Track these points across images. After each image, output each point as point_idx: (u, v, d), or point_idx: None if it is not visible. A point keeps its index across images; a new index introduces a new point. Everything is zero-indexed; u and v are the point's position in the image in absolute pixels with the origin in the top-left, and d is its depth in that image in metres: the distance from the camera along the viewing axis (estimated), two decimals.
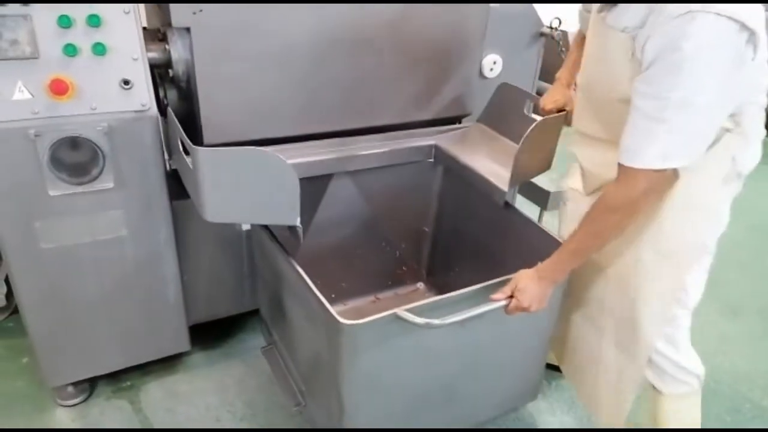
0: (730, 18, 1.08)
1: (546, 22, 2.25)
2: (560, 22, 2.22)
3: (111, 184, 1.59)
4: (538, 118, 1.80)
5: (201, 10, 1.56)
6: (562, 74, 1.79)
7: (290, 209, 1.41)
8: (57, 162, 1.50)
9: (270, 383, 1.98)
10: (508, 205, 1.77)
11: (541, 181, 2.89)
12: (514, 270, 1.44)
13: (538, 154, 1.76)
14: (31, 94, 1.43)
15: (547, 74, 2.36)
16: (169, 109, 1.59)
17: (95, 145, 1.52)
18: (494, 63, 2.19)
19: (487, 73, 2.20)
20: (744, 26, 1.09)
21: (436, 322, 1.29)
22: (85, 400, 1.91)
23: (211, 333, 2.17)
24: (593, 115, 1.49)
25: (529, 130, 1.61)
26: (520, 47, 2.24)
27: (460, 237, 2.07)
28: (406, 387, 1.46)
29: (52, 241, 1.59)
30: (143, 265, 1.75)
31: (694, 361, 1.57)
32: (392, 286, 2.26)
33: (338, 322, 1.24)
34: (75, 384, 1.89)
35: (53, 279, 1.65)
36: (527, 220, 1.73)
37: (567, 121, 1.74)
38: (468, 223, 2.00)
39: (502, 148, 1.96)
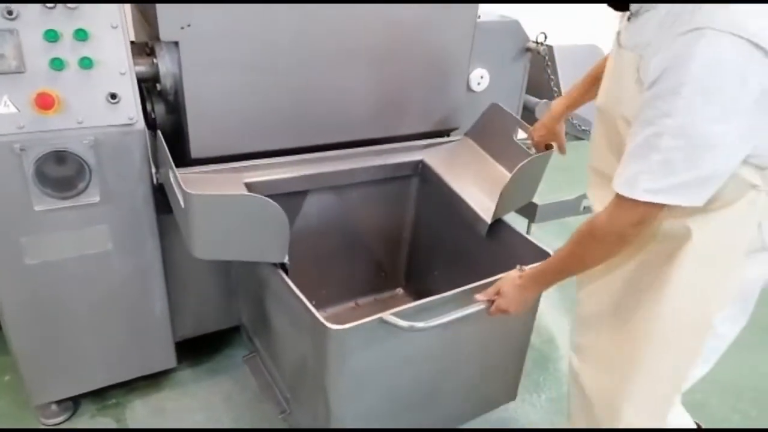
0: (748, 41, 0.93)
1: (532, 36, 2.28)
2: (546, 37, 2.25)
3: (97, 198, 1.57)
4: (524, 145, 1.83)
5: (189, 25, 1.56)
6: (556, 105, 1.72)
7: (279, 249, 1.41)
8: (42, 176, 1.48)
9: (257, 399, 1.95)
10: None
11: None
12: (493, 275, 1.44)
13: (523, 188, 1.79)
14: (17, 108, 1.42)
15: (534, 88, 2.40)
16: (158, 131, 1.59)
17: (81, 159, 1.51)
18: (481, 77, 2.21)
19: (474, 87, 2.22)
20: (766, 51, 0.94)
21: (420, 325, 1.30)
22: (68, 419, 1.87)
23: (198, 348, 2.15)
24: (607, 144, 1.32)
25: (516, 169, 1.64)
26: (506, 62, 2.26)
27: (438, 242, 2.08)
28: (391, 389, 1.46)
29: (38, 256, 1.57)
30: (129, 280, 1.73)
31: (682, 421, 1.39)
32: (372, 291, 2.27)
33: (326, 327, 1.24)
34: (59, 402, 1.85)
35: (38, 295, 1.63)
36: (512, 231, 1.74)
37: (561, 150, 1.74)
38: (447, 231, 2.00)
39: (488, 170, 1.97)
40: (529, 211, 2.85)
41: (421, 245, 2.21)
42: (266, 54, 1.71)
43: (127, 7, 1.82)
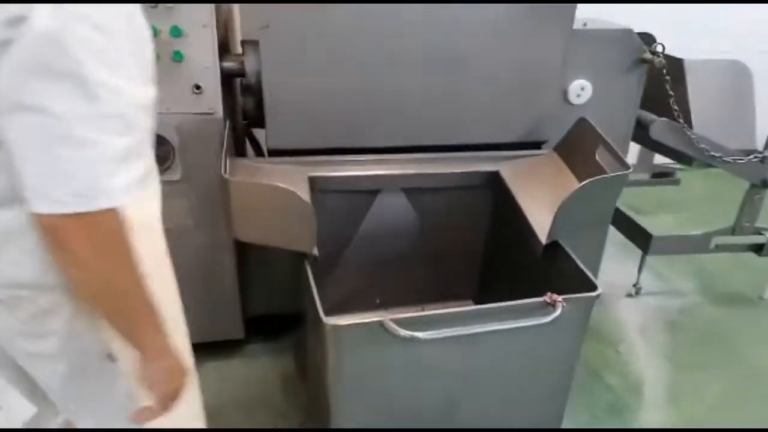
0: None
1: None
2: (664, 48, 2.01)
3: (178, 176, 1.78)
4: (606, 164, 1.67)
5: (268, 26, 1.69)
6: None
7: (308, 240, 1.47)
8: None
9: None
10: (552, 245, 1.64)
11: (649, 222, 2.64)
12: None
13: (590, 210, 1.63)
14: None
15: (650, 103, 2.16)
16: (227, 122, 1.74)
17: (167, 140, 1.72)
18: (582, 89, 2.04)
19: (573, 99, 2.06)
20: None
21: (420, 336, 1.26)
22: None
23: (272, 326, 2.30)
24: None
25: (576, 188, 1.51)
26: (616, 74, 2.06)
27: (507, 258, 1.97)
28: (398, 399, 1.43)
29: None
30: (204, 254, 1.93)
31: None
32: (441, 299, 2.20)
33: (322, 321, 1.26)
34: None
35: None
36: (567, 256, 1.59)
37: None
38: (513, 247, 1.89)
39: (565, 188, 1.81)
40: (643, 243, 2.58)
41: (494, 259, 2.11)
42: (343, 54, 1.78)
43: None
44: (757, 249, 2.58)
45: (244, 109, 1.94)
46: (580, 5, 1.87)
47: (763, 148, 2.35)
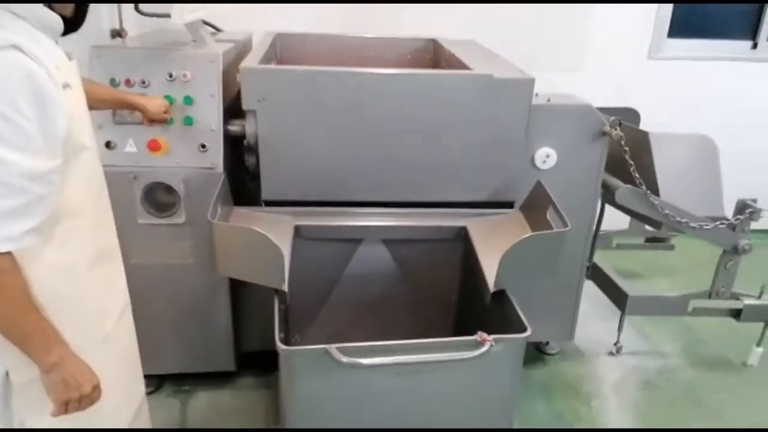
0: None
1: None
2: (620, 123, 2.22)
3: (183, 220, 2.07)
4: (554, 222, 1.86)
5: (264, 99, 1.99)
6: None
7: (278, 277, 1.68)
8: (146, 198, 2.03)
9: None
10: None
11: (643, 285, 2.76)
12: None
13: (534, 263, 1.80)
14: (137, 149, 1.99)
15: (620, 169, 2.35)
16: (224, 174, 2.04)
17: (174, 189, 2.02)
18: (547, 156, 2.26)
19: (539, 164, 2.28)
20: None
21: (362, 362, 1.45)
22: (152, 392, 2.36)
23: (264, 362, 2.50)
24: None
25: (516, 241, 1.69)
26: (578, 143, 2.27)
27: (473, 306, 2.13)
28: (346, 423, 1.59)
29: (138, 258, 2.11)
30: (202, 291, 2.19)
31: None
32: None
33: (278, 346, 1.47)
34: (147, 377, 2.36)
35: (137, 289, 2.13)
36: (510, 304, 1.77)
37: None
38: (477, 297, 2.06)
39: None
40: (621, 302, 2.71)
41: (465, 305, 2.29)
42: (329, 122, 2.06)
43: None
44: (735, 314, 2.66)
45: (246, 165, 2.24)
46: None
47: (732, 215, 2.49)
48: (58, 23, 1.20)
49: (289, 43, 2.75)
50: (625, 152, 2.26)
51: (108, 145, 1.98)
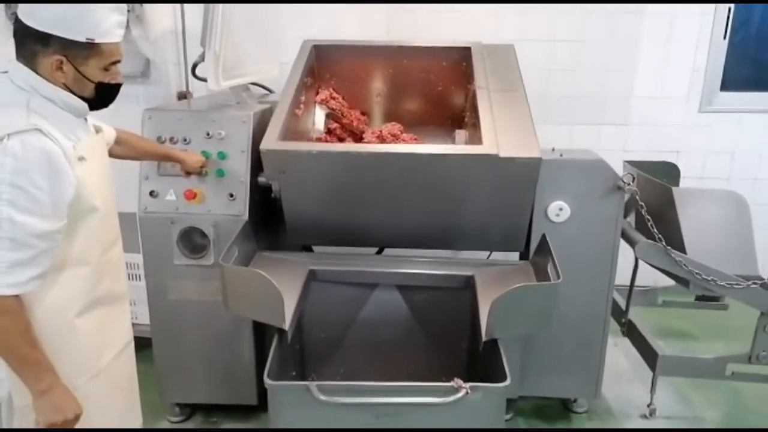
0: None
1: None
2: (634, 179, 2.23)
3: (211, 261, 2.29)
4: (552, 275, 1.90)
5: (284, 171, 2.19)
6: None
7: (279, 316, 1.80)
8: (181, 241, 2.27)
9: None
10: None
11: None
12: None
13: (526, 314, 1.84)
14: (175, 197, 2.26)
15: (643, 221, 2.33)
16: (246, 222, 2.23)
17: (206, 234, 2.26)
18: (560, 209, 2.30)
19: (552, 217, 2.31)
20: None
21: (340, 401, 1.55)
22: (182, 421, 2.56)
23: None
24: None
25: (506, 291, 1.75)
26: (592, 197, 2.29)
27: (477, 352, 2.15)
28: None
29: (174, 295, 2.35)
30: (229, 327, 2.38)
31: None
32: None
33: (265, 380, 1.61)
34: (180, 406, 2.56)
35: (172, 322, 2.39)
36: (497, 355, 1.80)
37: None
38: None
39: None
40: (652, 361, 2.61)
41: (477, 355, 2.31)
42: (340, 189, 2.24)
43: None
44: None
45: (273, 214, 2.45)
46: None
47: None
48: (82, 105, 1.47)
49: (325, 55, 2.75)
50: (641, 207, 2.25)
51: (151, 193, 2.26)
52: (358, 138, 2.66)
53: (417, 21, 3.43)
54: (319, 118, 2.69)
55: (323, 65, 2.77)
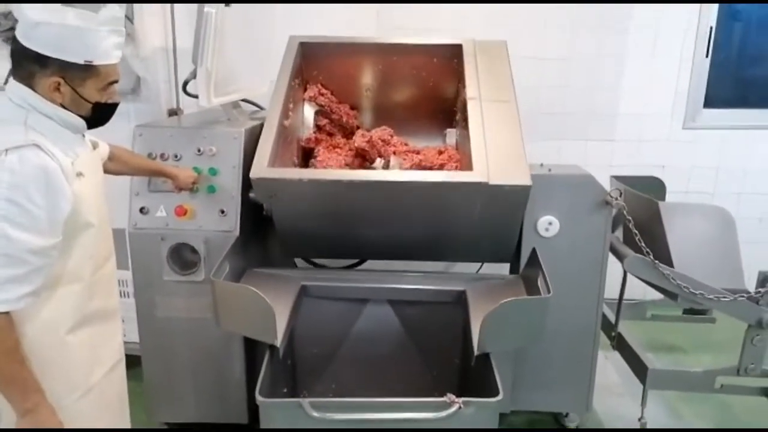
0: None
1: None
2: (621, 193, 2.26)
3: (202, 277, 2.27)
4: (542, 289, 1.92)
5: (274, 195, 2.18)
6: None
7: (270, 332, 1.79)
8: (171, 257, 2.26)
9: None
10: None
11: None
12: None
13: (516, 328, 1.85)
14: (166, 213, 2.25)
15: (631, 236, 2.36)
16: (238, 237, 2.23)
17: (197, 250, 2.25)
18: (550, 224, 2.32)
19: (542, 232, 2.33)
20: None
21: (333, 417, 1.54)
22: None
23: None
24: None
25: (497, 305, 1.75)
26: (581, 212, 2.32)
27: (468, 367, 2.15)
28: None
29: (163, 312, 2.33)
30: (218, 344, 2.36)
31: None
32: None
33: (257, 397, 1.60)
34: (170, 425, 2.53)
35: (161, 339, 2.37)
36: (489, 368, 1.80)
37: None
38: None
39: None
40: (641, 375, 2.62)
41: (470, 369, 2.31)
42: (330, 212, 2.24)
43: None
44: (767, 393, 2.50)
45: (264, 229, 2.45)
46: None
47: (755, 287, 2.39)
48: (80, 122, 1.48)
49: (313, 53, 2.67)
50: (629, 221, 2.28)
51: (142, 210, 2.25)
52: (349, 134, 2.65)
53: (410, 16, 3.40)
54: (308, 115, 2.67)
55: (310, 62, 2.69)
